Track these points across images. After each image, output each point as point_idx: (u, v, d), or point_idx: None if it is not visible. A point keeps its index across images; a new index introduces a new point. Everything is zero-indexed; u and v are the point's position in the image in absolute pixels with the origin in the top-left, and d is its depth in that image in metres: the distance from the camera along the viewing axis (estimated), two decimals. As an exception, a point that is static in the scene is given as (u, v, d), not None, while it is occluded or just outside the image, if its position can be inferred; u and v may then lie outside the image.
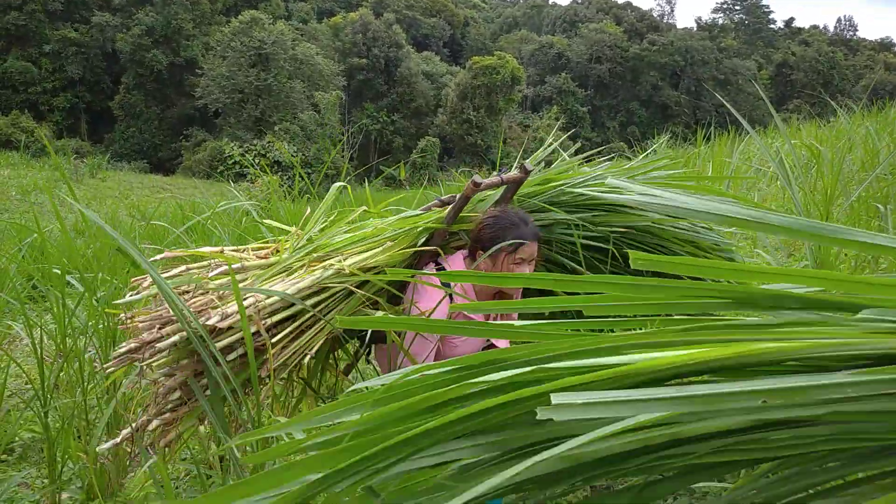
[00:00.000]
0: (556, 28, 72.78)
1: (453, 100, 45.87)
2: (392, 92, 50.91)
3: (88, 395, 2.43)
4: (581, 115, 57.22)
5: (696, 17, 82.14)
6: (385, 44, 50.62)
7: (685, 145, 9.75)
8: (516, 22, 79.66)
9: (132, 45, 43.49)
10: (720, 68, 63.00)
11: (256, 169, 14.62)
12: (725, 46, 66.48)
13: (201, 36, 46.42)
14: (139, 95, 45.35)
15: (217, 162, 34.95)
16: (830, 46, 68.44)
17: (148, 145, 45.12)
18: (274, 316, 1.84)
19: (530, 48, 63.96)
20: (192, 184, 29.70)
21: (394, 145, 48.76)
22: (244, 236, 4.38)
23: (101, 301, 2.64)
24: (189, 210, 7.28)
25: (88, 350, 2.58)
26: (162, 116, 46.28)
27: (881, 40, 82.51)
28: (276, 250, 2.17)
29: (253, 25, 40.90)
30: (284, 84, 40.63)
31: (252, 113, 40.45)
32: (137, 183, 29.16)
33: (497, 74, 43.50)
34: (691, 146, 9.01)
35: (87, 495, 2.31)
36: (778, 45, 75.24)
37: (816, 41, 71.46)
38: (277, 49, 40.53)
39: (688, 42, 63.70)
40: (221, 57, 41.25)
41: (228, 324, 1.71)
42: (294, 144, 35.27)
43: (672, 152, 7.51)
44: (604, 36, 62.25)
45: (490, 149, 44.58)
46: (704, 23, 79.86)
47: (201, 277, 1.87)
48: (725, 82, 61.76)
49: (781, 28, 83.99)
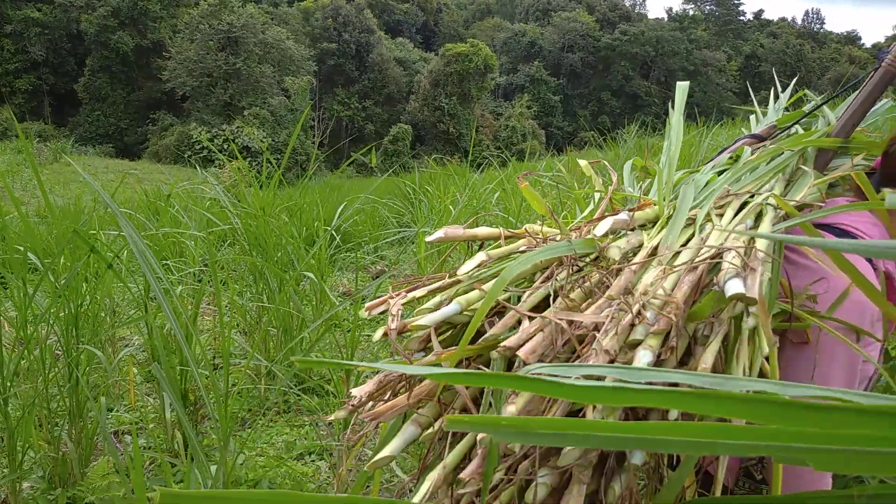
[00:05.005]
0: (529, 16, 72.68)
1: (426, 87, 45.64)
2: (364, 78, 50.48)
3: (50, 383, 2.38)
4: (553, 105, 57.41)
5: (667, 8, 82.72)
6: (356, 29, 50.11)
7: (654, 135, 9.83)
8: (489, 9, 79.38)
9: (97, 26, 42.43)
10: (690, 59, 63.55)
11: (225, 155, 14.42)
12: (696, 37, 67.03)
13: (169, 18, 45.46)
14: (104, 78, 44.31)
15: (185, 147, 34.39)
16: (798, 39, 69.43)
17: (113, 129, 44.16)
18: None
19: (503, 36, 63.84)
20: (158, 169, 29.21)
21: (366, 131, 48.44)
22: (213, 221, 4.33)
23: (62, 287, 2.59)
24: (154, 196, 7.15)
25: (50, 337, 2.53)
26: (128, 100, 45.30)
27: (847, 33, 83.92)
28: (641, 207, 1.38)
29: (222, 8, 40.17)
30: (254, 68, 40.03)
31: (221, 97, 39.80)
32: (102, 167, 28.57)
33: (470, 62, 43.34)
34: (661, 135, 9.09)
35: (49, 484, 2.27)
36: (747, 36, 76.05)
37: (785, 33, 72.40)
38: (247, 32, 39.89)
39: (658, 32, 64.10)
40: (190, 40, 40.47)
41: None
42: (264, 130, 34.84)
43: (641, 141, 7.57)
44: (576, 25, 62.39)
45: (462, 136, 44.48)
46: (675, 13, 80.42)
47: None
48: (695, 73, 62.31)
49: (751, 20, 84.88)
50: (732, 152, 1.69)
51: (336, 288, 4.67)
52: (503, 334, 1.06)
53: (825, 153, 1.55)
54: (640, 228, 1.31)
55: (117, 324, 3.15)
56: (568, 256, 1.13)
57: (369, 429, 1.09)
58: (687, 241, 1.21)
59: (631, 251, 1.21)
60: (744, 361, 1.01)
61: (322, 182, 12.38)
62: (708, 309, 1.00)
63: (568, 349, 1.00)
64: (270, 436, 2.58)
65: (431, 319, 1.11)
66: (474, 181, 5.76)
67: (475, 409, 1.01)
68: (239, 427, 2.66)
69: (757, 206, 1.29)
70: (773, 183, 1.43)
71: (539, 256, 1.10)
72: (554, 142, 46.82)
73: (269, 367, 2.52)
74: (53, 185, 17.80)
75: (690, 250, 1.13)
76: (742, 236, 1.12)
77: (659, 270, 1.07)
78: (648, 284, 1.03)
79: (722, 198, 1.34)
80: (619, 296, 1.03)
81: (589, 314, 1.01)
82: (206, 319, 3.89)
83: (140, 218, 4.21)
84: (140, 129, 43.47)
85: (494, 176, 6.14)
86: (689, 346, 1.02)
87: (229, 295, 3.41)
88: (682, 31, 66.89)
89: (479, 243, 1.33)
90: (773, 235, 1.19)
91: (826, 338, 1.18)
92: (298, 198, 4.37)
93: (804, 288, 1.21)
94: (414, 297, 1.21)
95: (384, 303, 1.19)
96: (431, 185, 6.45)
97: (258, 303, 3.07)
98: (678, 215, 1.25)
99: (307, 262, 3.13)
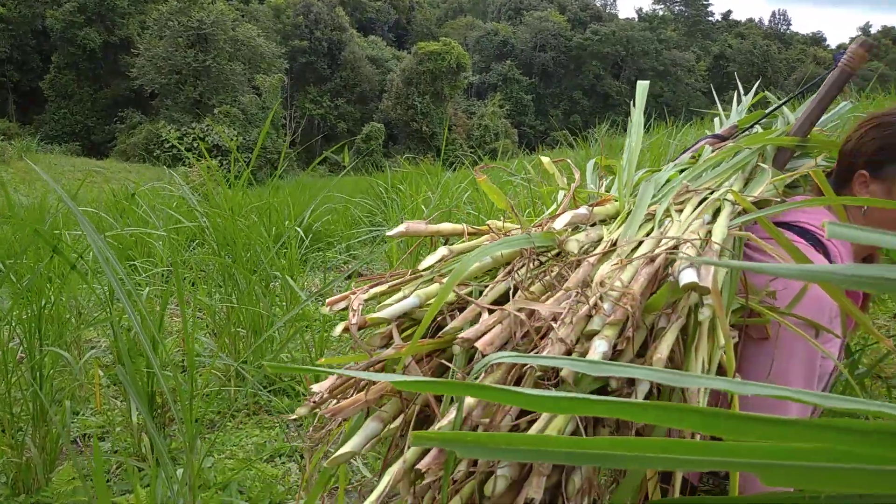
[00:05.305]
0: (501, 15, 72.89)
1: (398, 85, 45.54)
2: (336, 76, 50.22)
3: (13, 387, 2.33)
4: (526, 104, 57.69)
5: (637, 8, 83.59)
6: (328, 26, 49.83)
7: (625, 134, 9.91)
8: (462, 8, 79.45)
9: (63, 22, 41.63)
10: (660, 59, 64.27)
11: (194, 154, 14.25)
12: (665, 38, 67.78)
13: (137, 14, 44.75)
14: (71, 75, 43.50)
15: (153, 145, 33.90)
16: (765, 40, 70.56)
17: (80, 127, 43.37)
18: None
19: (476, 35, 63.98)
20: (126, 168, 28.77)
21: (338, 130, 48.18)
22: (180, 220, 4.27)
23: (24, 288, 2.54)
24: (121, 196, 7.04)
25: (13, 339, 2.48)
26: (95, 97, 44.50)
27: (813, 34, 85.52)
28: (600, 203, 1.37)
29: (191, 4, 39.65)
30: (224, 66, 39.58)
31: (190, 95, 39.29)
32: (69, 166, 28.07)
33: (442, 60, 43.34)
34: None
35: (13, 490, 2.23)
36: (715, 37, 77.13)
37: (752, 34, 73.57)
38: (217, 29, 39.42)
39: (629, 32, 64.73)
40: (158, 36, 39.87)
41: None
42: (235, 128, 34.49)
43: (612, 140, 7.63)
44: (548, 24, 62.73)
45: (435, 135, 44.48)
46: (645, 14, 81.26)
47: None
48: (665, 73, 63.06)
49: (719, 20, 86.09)
50: (694, 152, 1.70)
51: (309, 288, 4.64)
52: (464, 327, 1.06)
53: (784, 152, 1.57)
54: (601, 223, 1.31)
55: (83, 325, 3.10)
56: (528, 250, 1.13)
57: (332, 426, 1.08)
58: (646, 235, 1.22)
59: (590, 245, 1.22)
60: (703, 355, 1.02)
61: (294, 181, 12.29)
62: (663, 299, 1.00)
63: (527, 341, 1.00)
64: (240, 438, 2.56)
65: (390, 312, 1.11)
66: (447, 180, 5.76)
67: (436, 403, 1.02)
68: (208, 429, 2.63)
69: (715, 201, 1.29)
70: (733, 180, 1.45)
71: (497, 249, 1.10)
72: (526, 140, 47.06)
73: (236, 369, 2.50)
74: (18, 185, 17.44)
75: (648, 243, 1.13)
76: (700, 230, 1.14)
77: (616, 263, 1.08)
78: (606, 276, 1.04)
79: (681, 194, 1.35)
80: (576, 287, 1.03)
81: (547, 305, 1.02)
82: (176, 320, 3.85)
83: (107, 218, 4.14)
84: (108, 127, 42.74)
85: (467, 175, 6.15)
86: (647, 338, 1.03)
87: (197, 296, 3.37)
88: (651, 32, 67.62)
89: (445, 239, 1.33)
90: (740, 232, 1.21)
91: (785, 333, 1.18)
92: (268, 197, 4.32)
93: (764, 284, 1.21)
94: (376, 292, 1.20)
95: (346, 298, 1.18)
96: (404, 184, 6.44)
97: (227, 303, 3.04)
98: (637, 210, 1.27)
99: (275, 261, 3.11)
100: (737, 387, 0.50)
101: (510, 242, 1.12)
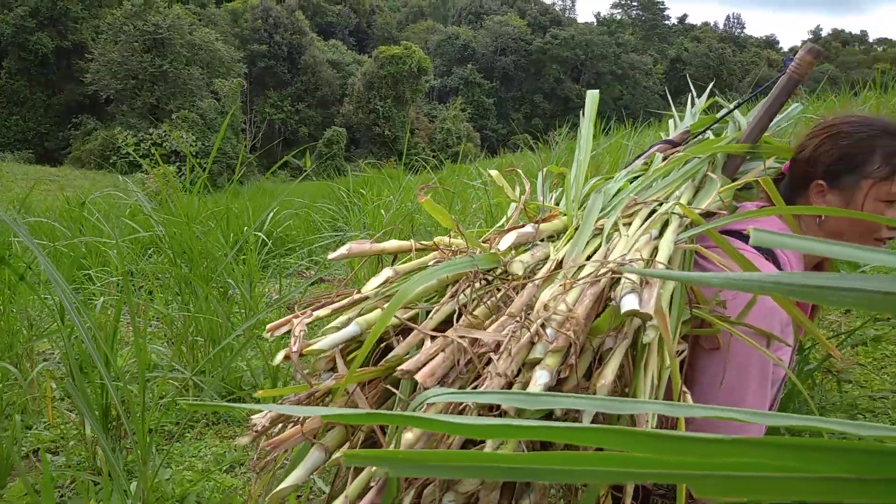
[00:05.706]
0: (461, 19, 73.21)
1: (360, 89, 45.39)
2: (296, 80, 49.87)
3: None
4: (487, 107, 57.98)
5: (596, 13, 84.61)
6: (287, 30, 49.47)
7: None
8: (422, 12, 79.59)
9: (14, 26, 40.56)
10: (618, 63, 65.22)
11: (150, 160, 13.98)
12: (623, 41, 68.79)
13: (91, 19, 43.82)
14: (22, 81, 42.41)
15: (110, 152, 33.21)
16: (720, 43, 72.13)
17: (33, 134, 42.30)
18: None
19: (436, 38, 64.15)
20: (82, 175, 28.13)
21: (299, 134, 47.83)
22: (136, 229, 4.19)
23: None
24: (77, 205, 6.88)
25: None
26: (48, 103, 43.46)
27: (766, 37, 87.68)
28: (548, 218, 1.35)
29: (147, 8, 38.99)
30: (182, 70, 38.99)
31: (147, 100, 38.61)
32: (21, 174, 27.33)
33: (404, 64, 43.33)
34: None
35: (-39, 508, 2.16)
36: (672, 40, 78.56)
37: (707, 38, 75.12)
38: (174, 34, 38.83)
39: (588, 36, 65.58)
40: (113, 41, 39.11)
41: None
42: (193, 133, 33.97)
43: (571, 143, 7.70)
44: (508, 28, 63.22)
45: (398, 139, 44.42)
46: (603, 18, 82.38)
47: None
48: (623, 76, 64.00)
49: (675, 24, 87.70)
50: (647, 158, 1.68)
51: (270, 294, 4.59)
52: (408, 353, 1.03)
53: (735, 158, 1.56)
54: (549, 240, 1.29)
55: (35, 337, 3.02)
56: (472, 273, 1.10)
57: (276, 454, 1.06)
58: (594, 252, 1.20)
59: (537, 264, 1.20)
60: (652, 371, 1.01)
61: (254, 186, 12.14)
62: (606, 325, 1.00)
63: (471, 368, 0.98)
64: (199, 448, 2.51)
65: (329, 343, 1.07)
66: (408, 183, 5.76)
67: (381, 432, 1.00)
68: (166, 440, 2.58)
69: (663, 214, 1.28)
70: (683, 190, 1.43)
71: (441, 272, 1.07)
72: (488, 144, 47.23)
73: (192, 379, 2.46)
74: (-33, 193, 16.91)
75: (592, 265, 1.11)
76: (646, 247, 1.14)
77: (560, 285, 1.05)
78: (550, 299, 1.01)
79: (630, 206, 1.33)
80: (519, 312, 1.01)
81: (490, 332, 0.99)
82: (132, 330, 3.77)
83: (59, 227, 4.04)
84: (62, 133, 41.78)
85: (429, 178, 6.15)
86: (593, 361, 1.02)
87: (154, 305, 3.31)
88: (610, 36, 68.59)
89: (392, 256, 1.31)
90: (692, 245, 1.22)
91: (736, 343, 1.17)
92: (226, 202, 4.26)
93: (713, 293, 1.19)
94: (318, 316, 1.16)
95: (287, 323, 1.14)
96: (366, 188, 6.41)
97: (184, 312, 2.99)
98: (585, 226, 1.24)
99: (232, 268, 3.06)
100: (683, 410, 0.49)
101: (454, 266, 1.08)
